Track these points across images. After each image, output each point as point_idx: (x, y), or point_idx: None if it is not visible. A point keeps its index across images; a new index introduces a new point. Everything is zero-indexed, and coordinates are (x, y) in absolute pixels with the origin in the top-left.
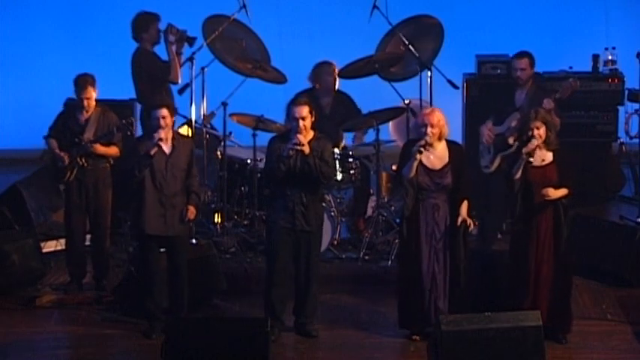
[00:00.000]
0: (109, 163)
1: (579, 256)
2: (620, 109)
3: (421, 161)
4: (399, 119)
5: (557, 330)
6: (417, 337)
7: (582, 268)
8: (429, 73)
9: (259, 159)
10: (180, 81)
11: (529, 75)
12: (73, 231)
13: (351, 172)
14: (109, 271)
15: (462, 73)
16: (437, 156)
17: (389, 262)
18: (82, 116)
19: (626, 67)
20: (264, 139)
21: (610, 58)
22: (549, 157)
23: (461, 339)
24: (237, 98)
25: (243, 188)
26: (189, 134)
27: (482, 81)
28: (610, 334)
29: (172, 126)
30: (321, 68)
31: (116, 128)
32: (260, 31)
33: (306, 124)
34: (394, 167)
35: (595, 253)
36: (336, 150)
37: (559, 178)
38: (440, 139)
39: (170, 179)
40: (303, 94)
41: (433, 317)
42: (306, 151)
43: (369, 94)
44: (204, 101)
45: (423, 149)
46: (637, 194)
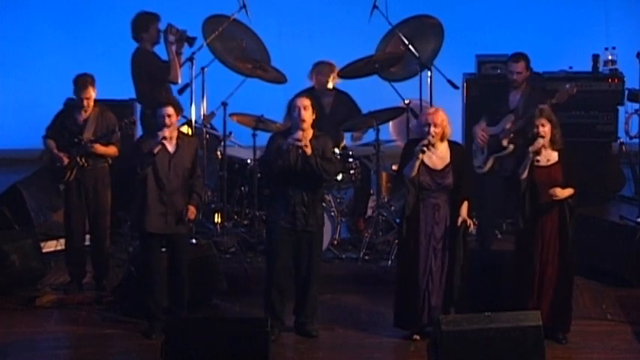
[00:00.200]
0: (108, 163)
1: (579, 256)
2: (620, 109)
3: (423, 161)
4: (399, 119)
5: (557, 330)
6: (417, 337)
7: (582, 268)
8: (429, 73)
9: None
10: (180, 81)
11: (524, 77)
12: (73, 231)
13: (351, 172)
14: (108, 271)
15: (462, 73)
16: (439, 156)
17: (389, 262)
18: (81, 116)
19: (626, 67)
20: (264, 139)
21: (610, 58)
22: (554, 157)
23: (461, 339)
24: (237, 98)
25: (243, 188)
26: (189, 133)
27: (482, 81)
28: (610, 334)
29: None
30: (316, 67)
31: (118, 128)
32: (260, 31)
33: (307, 114)
34: (394, 167)
35: (595, 253)
36: (336, 150)
37: (564, 178)
38: (442, 139)
39: (173, 178)
40: (303, 94)
41: (427, 317)
42: (308, 152)
43: (369, 94)
44: (204, 101)
45: (425, 149)
46: (637, 194)
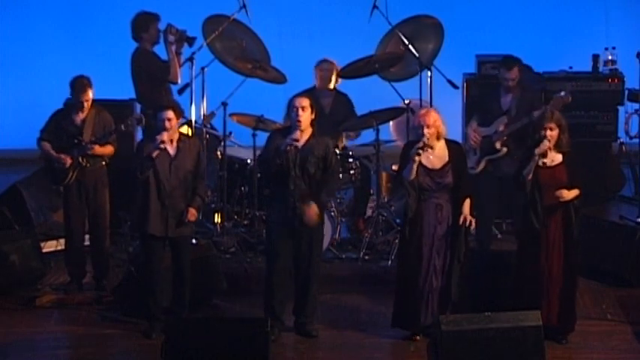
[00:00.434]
0: (105, 162)
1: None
2: (620, 109)
3: (421, 162)
4: (399, 119)
5: (563, 330)
6: (418, 337)
7: (582, 268)
8: (429, 73)
9: None
10: (179, 81)
11: (518, 81)
12: (73, 231)
13: (351, 172)
14: (108, 271)
15: (462, 73)
16: (436, 155)
17: (389, 262)
18: (78, 117)
19: (626, 67)
20: (264, 139)
21: (610, 58)
22: (559, 157)
23: (461, 339)
24: (237, 98)
25: (243, 188)
26: (189, 134)
27: (482, 81)
28: (610, 334)
29: (178, 128)
30: (317, 65)
31: (123, 125)
32: (260, 31)
33: (305, 115)
34: (394, 167)
35: (595, 253)
36: (336, 150)
37: (569, 180)
38: (438, 138)
39: (174, 181)
40: (303, 94)
41: (429, 317)
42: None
43: (369, 94)
44: (204, 101)
45: (421, 151)
46: (637, 194)
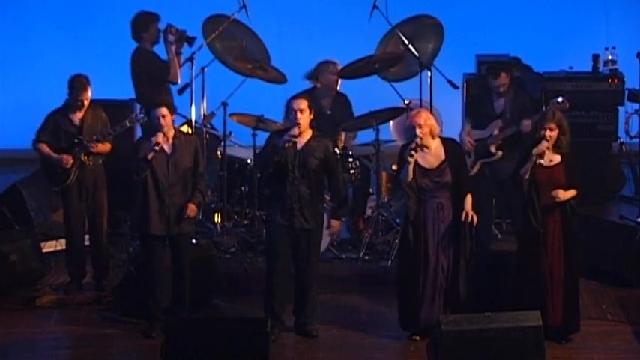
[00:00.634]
0: (102, 161)
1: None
2: (620, 109)
3: (418, 162)
4: (399, 119)
5: (568, 330)
6: (417, 337)
7: (582, 268)
8: (429, 73)
9: None
10: (179, 81)
11: (509, 84)
12: (73, 231)
13: (351, 172)
14: (108, 271)
15: (462, 73)
16: (432, 155)
17: (389, 262)
18: (77, 116)
19: (626, 67)
20: (264, 139)
21: (610, 58)
22: (557, 158)
23: (461, 339)
24: (237, 98)
25: (243, 188)
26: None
27: (483, 81)
28: (610, 334)
29: (173, 124)
30: (324, 66)
31: (128, 121)
32: (260, 31)
33: (304, 117)
34: (394, 167)
35: (595, 253)
36: (336, 150)
37: (566, 179)
38: (433, 137)
39: (172, 178)
40: (303, 94)
41: (433, 318)
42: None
43: (369, 94)
44: (204, 101)
45: (414, 152)
46: (637, 194)
